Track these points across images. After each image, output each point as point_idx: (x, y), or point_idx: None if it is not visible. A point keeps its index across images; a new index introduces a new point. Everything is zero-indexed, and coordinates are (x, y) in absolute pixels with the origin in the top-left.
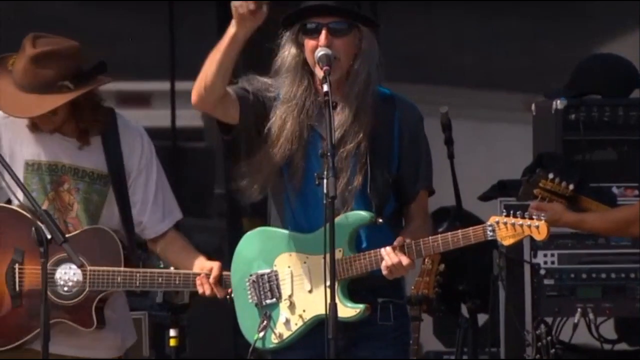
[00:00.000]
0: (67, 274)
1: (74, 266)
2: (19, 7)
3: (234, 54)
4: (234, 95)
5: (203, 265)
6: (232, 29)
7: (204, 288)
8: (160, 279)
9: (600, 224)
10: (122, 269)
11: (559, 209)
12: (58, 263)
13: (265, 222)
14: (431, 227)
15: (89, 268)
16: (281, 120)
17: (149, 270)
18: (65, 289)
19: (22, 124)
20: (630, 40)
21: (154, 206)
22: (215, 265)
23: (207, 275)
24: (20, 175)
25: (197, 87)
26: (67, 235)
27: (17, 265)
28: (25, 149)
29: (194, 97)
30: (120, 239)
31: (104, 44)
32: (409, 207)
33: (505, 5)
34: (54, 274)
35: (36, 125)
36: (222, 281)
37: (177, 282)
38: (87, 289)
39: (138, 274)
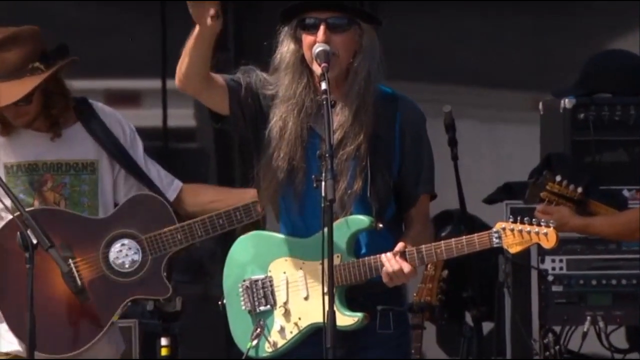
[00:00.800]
0: (123, 251)
1: (126, 241)
2: (5, 4)
3: (204, 49)
4: (224, 84)
5: (252, 192)
6: (197, 27)
7: None
8: (221, 220)
9: (608, 228)
10: (178, 225)
11: (565, 212)
12: (109, 244)
13: (259, 226)
14: (433, 233)
15: (144, 237)
16: (282, 121)
17: (206, 216)
18: (127, 265)
19: None
20: (633, 38)
21: (158, 172)
22: None
23: None
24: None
25: (177, 71)
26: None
27: (70, 261)
28: (2, 153)
29: (176, 80)
30: None
31: (93, 40)
32: (410, 211)
33: (511, 2)
34: (107, 255)
35: (8, 126)
36: None
37: (239, 217)
38: (150, 257)
39: (197, 224)
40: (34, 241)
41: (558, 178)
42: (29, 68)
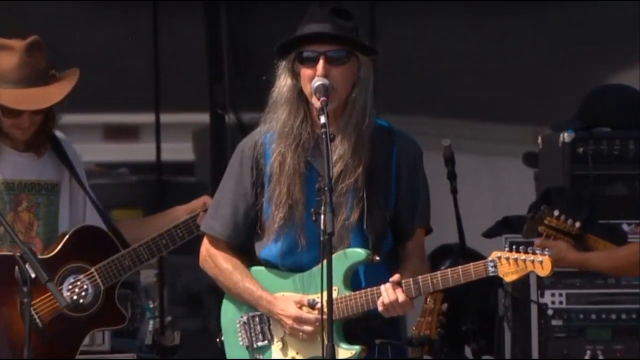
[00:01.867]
0: (76, 285)
1: (77, 276)
2: None
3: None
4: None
5: (191, 207)
6: (263, 309)
7: None
8: (164, 240)
9: (606, 263)
10: (124, 251)
11: (563, 247)
12: (61, 281)
13: (253, 261)
14: (429, 266)
15: (93, 269)
16: (281, 157)
17: (149, 238)
18: (81, 300)
19: None
20: (633, 72)
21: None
22: (202, 199)
23: (206, 211)
24: None
25: (208, 271)
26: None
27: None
28: None
29: (200, 264)
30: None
31: (89, 70)
32: (406, 245)
33: (511, 37)
34: (61, 292)
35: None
36: None
37: (180, 234)
38: (102, 288)
39: (142, 248)
40: (32, 275)
41: (556, 213)
42: (49, 75)
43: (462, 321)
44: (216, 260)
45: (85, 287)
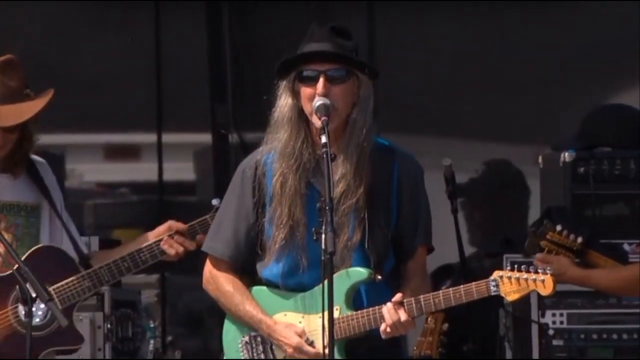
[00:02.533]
0: (33, 306)
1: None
2: None
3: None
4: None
5: (157, 232)
6: (264, 332)
7: (174, 247)
8: (126, 263)
9: (608, 282)
10: (85, 272)
11: (565, 262)
12: (17, 300)
13: (255, 281)
14: (430, 286)
15: (51, 289)
16: (283, 177)
17: (110, 261)
18: (37, 320)
19: None
20: (635, 92)
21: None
22: (167, 223)
23: (171, 236)
24: None
25: (210, 292)
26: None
27: None
28: None
29: (203, 286)
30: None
31: (90, 90)
32: (407, 264)
33: (512, 56)
34: (16, 311)
35: None
36: (186, 233)
37: (143, 258)
38: (60, 307)
39: (102, 269)
40: (33, 295)
41: (559, 228)
42: (24, 93)
43: (463, 341)
44: (218, 282)
45: (42, 306)
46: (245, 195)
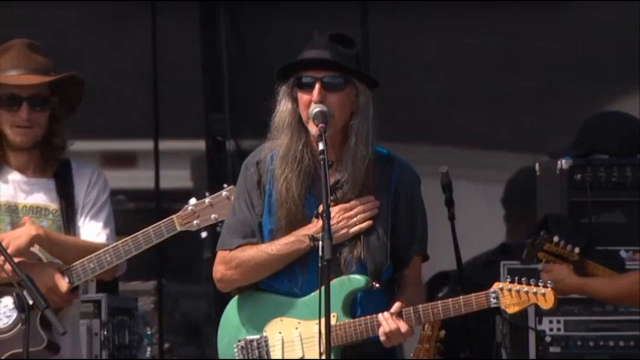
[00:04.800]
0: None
1: (3, 299)
2: None
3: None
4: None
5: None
6: (307, 241)
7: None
8: (127, 245)
9: (605, 290)
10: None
11: (563, 271)
12: None
13: (252, 287)
14: (425, 295)
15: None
16: (286, 182)
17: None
18: (4, 320)
19: None
20: (632, 100)
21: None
22: None
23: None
24: None
25: (228, 281)
26: None
27: None
28: None
29: (219, 285)
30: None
31: (86, 98)
32: (402, 272)
33: (510, 64)
34: None
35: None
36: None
37: (146, 237)
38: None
39: (107, 251)
40: (30, 302)
41: (556, 239)
42: (50, 70)
43: (460, 348)
44: (235, 258)
45: (9, 309)
46: (251, 191)
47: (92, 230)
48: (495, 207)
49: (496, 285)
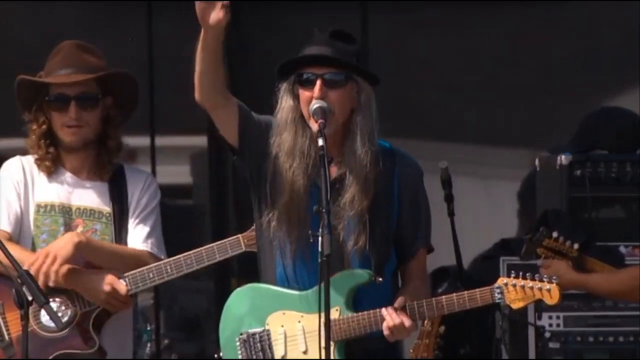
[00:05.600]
0: (55, 308)
1: (58, 298)
2: None
3: (211, 55)
4: (237, 106)
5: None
6: (202, 32)
7: None
8: (189, 259)
9: (605, 285)
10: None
11: (562, 266)
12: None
13: (253, 282)
14: (430, 287)
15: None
16: (292, 175)
17: (137, 271)
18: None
19: (36, 169)
20: (632, 96)
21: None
22: None
23: None
24: (31, 218)
25: (195, 82)
26: None
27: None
28: (37, 191)
29: (195, 91)
30: None
31: None
32: (407, 265)
33: (510, 60)
34: (39, 312)
35: (56, 163)
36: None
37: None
38: (79, 311)
39: (168, 263)
40: (29, 298)
41: (555, 234)
42: (100, 69)
43: (460, 344)
44: None
45: (63, 308)
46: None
47: (138, 236)
48: (495, 203)
49: (501, 281)
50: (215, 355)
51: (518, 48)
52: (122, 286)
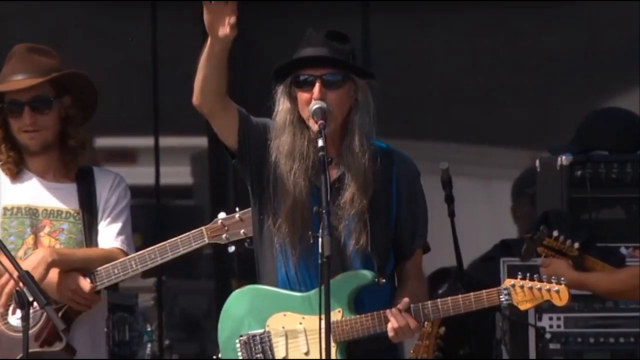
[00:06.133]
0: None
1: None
2: None
3: (217, 63)
4: (236, 110)
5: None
6: (208, 40)
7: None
8: (153, 254)
9: (604, 285)
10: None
11: (561, 265)
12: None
13: (254, 282)
14: (427, 288)
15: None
16: (293, 178)
17: (109, 264)
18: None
19: (2, 172)
20: (632, 96)
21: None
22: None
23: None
24: None
25: (195, 87)
26: None
27: None
28: (3, 195)
29: (194, 97)
30: None
31: None
32: (404, 265)
33: (510, 60)
34: (6, 315)
35: (19, 166)
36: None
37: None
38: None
39: (133, 258)
40: (30, 299)
41: (555, 233)
42: (51, 72)
43: (460, 345)
44: None
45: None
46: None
47: (108, 234)
48: (496, 203)
49: (508, 282)
50: (214, 357)
51: (519, 49)
52: (86, 284)
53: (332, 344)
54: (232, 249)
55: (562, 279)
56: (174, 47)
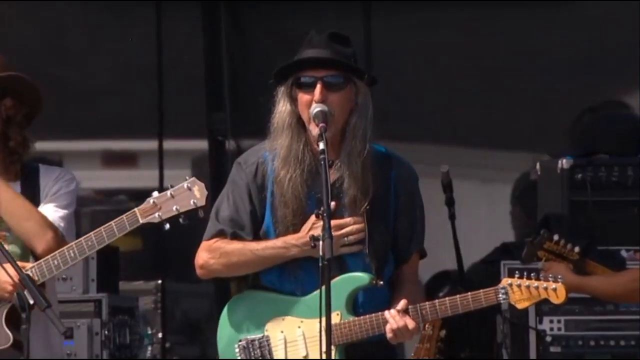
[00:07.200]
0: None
1: None
2: None
3: (267, 264)
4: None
5: None
6: (293, 250)
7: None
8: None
9: (604, 288)
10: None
11: (562, 269)
12: None
13: (251, 286)
14: (423, 292)
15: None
16: (290, 182)
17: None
18: None
19: None
20: (632, 97)
21: None
22: None
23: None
24: None
25: (213, 269)
26: None
27: None
28: None
29: (204, 273)
30: None
31: (87, 100)
32: (401, 269)
33: (511, 63)
34: None
35: None
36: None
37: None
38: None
39: (70, 248)
40: (31, 301)
41: (556, 237)
42: None
43: (461, 348)
44: (220, 248)
45: None
46: (250, 186)
47: (48, 210)
48: (496, 206)
49: (505, 281)
50: None
51: (520, 51)
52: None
53: (331, 347)
54: (167, 226)
55: (560, 276)
56: (175, 50)
